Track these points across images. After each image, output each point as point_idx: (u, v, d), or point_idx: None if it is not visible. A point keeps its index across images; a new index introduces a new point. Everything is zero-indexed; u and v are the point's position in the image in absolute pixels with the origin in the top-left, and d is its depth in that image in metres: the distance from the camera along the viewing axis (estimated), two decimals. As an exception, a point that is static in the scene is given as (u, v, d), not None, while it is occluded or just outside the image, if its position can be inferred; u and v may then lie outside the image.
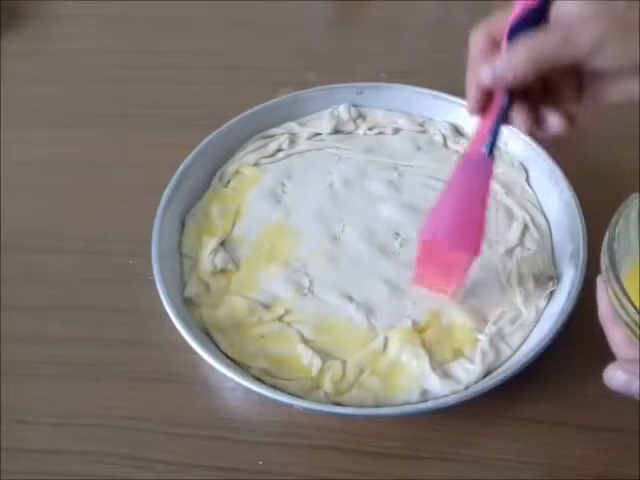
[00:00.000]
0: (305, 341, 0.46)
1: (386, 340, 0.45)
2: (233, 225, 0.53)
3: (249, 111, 0.59)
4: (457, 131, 0.59)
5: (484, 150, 0.40)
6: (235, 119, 0.58)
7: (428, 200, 0.54)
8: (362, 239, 0.51)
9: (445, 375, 0.43)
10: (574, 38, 0.34)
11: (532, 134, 0.40)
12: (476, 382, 0.43)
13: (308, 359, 0.45)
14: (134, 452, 0.44)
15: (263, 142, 0.59)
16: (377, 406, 0.42)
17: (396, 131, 0.60)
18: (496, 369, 0.44)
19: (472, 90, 0.39)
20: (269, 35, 0.76)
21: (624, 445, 0.43)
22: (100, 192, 0.60)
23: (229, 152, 0.58)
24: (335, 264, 0.50)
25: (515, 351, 0.45)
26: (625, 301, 0.30)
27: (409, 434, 0.44)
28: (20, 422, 0.46)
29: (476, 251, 0.42)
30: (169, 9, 0.81)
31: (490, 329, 0.46)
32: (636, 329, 0.30)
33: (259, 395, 0.42)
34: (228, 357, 0.45)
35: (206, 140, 0.56)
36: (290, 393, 0.42)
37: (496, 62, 0.36)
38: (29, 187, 0.61)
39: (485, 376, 0.43)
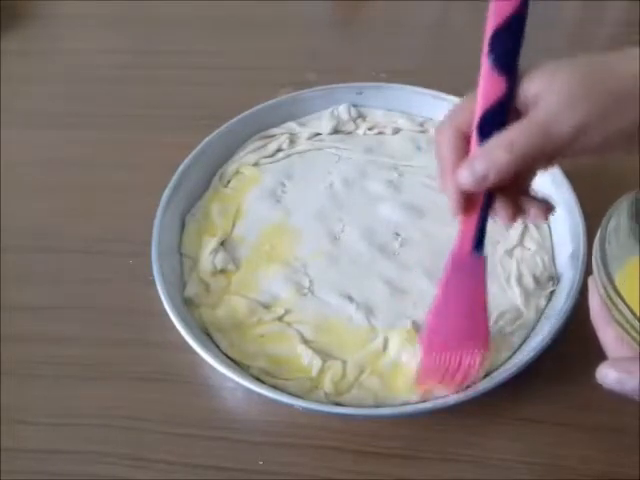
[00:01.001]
0: (305, 341, 0.46)
1: (386, 340, 0.45)
2: (233, 225, 0.53)
3: (249, 111, 0.59)
4: (457, 131, 0.59)
5: (474, 250, 0.39)
6: (235, 119, 0.58)
7: (428, 200, 0.54)
8: (362, 239, 0.51)
9: (445, 375, 0.43)
10: (554, 127, 0.32)
11: (515, 221, 0.38)
12: (476, 382, 0.43)
13: (308, 359, 0.45)
14: (134, 452, 0.44)
15: (263, 142, 0.59)
16: (377, 406, 0.42)
17: (396, 131, 0.60)
18: (496, 369, 0.44)
19: (451, 193, 0.36)
20: (269, 35, 0.76)
21: (624, 445, 0.43)
22: (100, 192, 0.60)
23: (229, 152, 0.58)
24: (335, 264, 0.50)
25: (515, 351, 0.45)
26: (618, 300, 0.30)
27: (409, 434, 0.44)
28: (20, 422, 0.46)
29: (484, 346, 0.41)
30: (169, 9, 0.81)
31: (490, 329, 0.45)
32: (629, 328, 0.30)
33: (259, 395, 0.42)
34: (228, 357, 0.45)
35: (206, 140, 0.56)
36: (290, 393, 0.42)
37: (474, 164, 0.34)
38: (29, 187, 0.61)
39: (485, 376, 0.43)
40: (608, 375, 0.29)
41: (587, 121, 0.32)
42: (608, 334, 0.32)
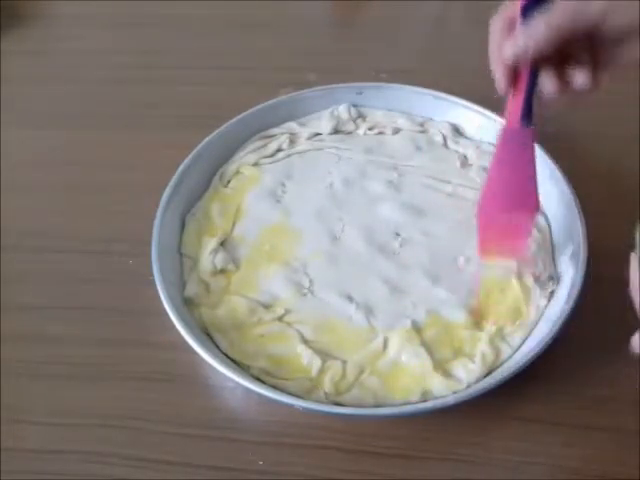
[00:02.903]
0: (305, 341, 0.46)
1: (386, 340, 0.45)
2: (233, 225, 0.53)
3: (249, 111, 0.59)
4: (457, 131, 0.59)
5: (522, 121, 0.42)
6: (235, 119, 0.58)
7: (428, 200, 0.54)
8: (362, 239, 0.51)
9: (445, 375, 0.43)
10: (585, 7, 0.37)
11: (561, 95, 0.42)
12: (477, 382, 0.43)
13: (308, 359, 0.45)
14: (134, 452, 0.44)
15: (263, 142, 0.59)
16: (377, 406, 0.42)
17: (396, 131, 0.60)
18: (496, 369, 0.44)
19: (498, 70, 0.41)
20: (269, 35, 0.76)
21: (624, 445, 0.43)
22: (100, 192, 0.60)
23: (229, 152, 0.58)
24: (335, 264, 0.50)
25: (515, 351, 0.45)
26: None
27: (409, 434, 0.44)
28: (20, 422, 0.46)
29: (535, 207, 0.45)
30: (169, 9, 0.81)
31: (490, 329, 0.46)
32: None
33: (259, 395, 0.42)
34: (228, 357, 0.45)
35: (206, 140, 0.56)
36: (290, 393, 0.42)
37: (516, 39, 0.39)
38: (29, 187, 0.61)
39: (485, 376, 0.43)
40: None
41: (612, 5, 0.37)
42: None
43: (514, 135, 0.44)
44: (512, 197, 0.45)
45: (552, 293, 0.47)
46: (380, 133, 0.60)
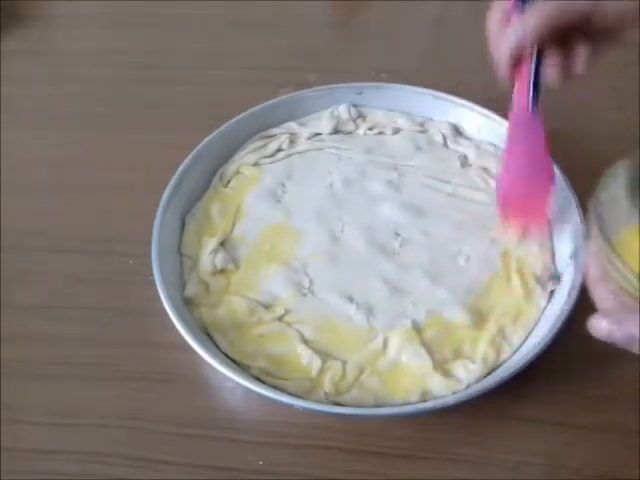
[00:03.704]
0: (305, 341, 0.46)
1: (386, 340, 0.45)
2: (233, 225, 0.53)
3: (249, 111, 0.59)
4: (457, 131, 0.59)
5: (530, 107, 0.45)
6: (235, 119, 0.58)
7: (428, 200, 0.54)
8: (362, 239, 0.51)
9: (446, 375, 0.43)
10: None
11: (565, 79, 0.44)
12: (477, 381, 0.43)
13: (308, 359, 0.45)
14: (134, 452, 0.44)
15: (263, 142, 0.59)
16: (377, 406, 0.42)
17: (396, 131, 0.60)
18: (497, 368, 0.44)
19: (501, 58, 0.43)
20: (269, 35, 0.76)
21: (624, 445, 0.43)
22: (100, 192, 0.60)
23: (229, 152, 0.58)
24: (335, 264, 0.50)
25: (516, 350, 0.45)
26: (615, 260, 0.31)
27: (409, 434, 0.44)
28: (20, 422, 0.46)
29: (551, 181, 0.48)
30: (169, 9, 0.81)
31: (491, 328, 0.46)
32: (626, 285, 0.31)
33: (259, 395, 0.42)
34: (228, 357, 0.45)
35: (206, 140, 0.56)
36: (290, 393, 0.42)
37: (512, 29, 0.42)
38: (29, 187, 0.61)
39: (485, 376, 0.43)
40: (600, 325, 0.32)
41: None
42: (603, 290, 0.34)
43: (522, 121, 0.46)
44: (528, 172, 0.48)
45: (552, 293, 0.47)
46: (380, 133, 0.60)
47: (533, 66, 0.43)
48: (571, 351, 0.45)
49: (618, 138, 0.60)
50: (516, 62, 0.43)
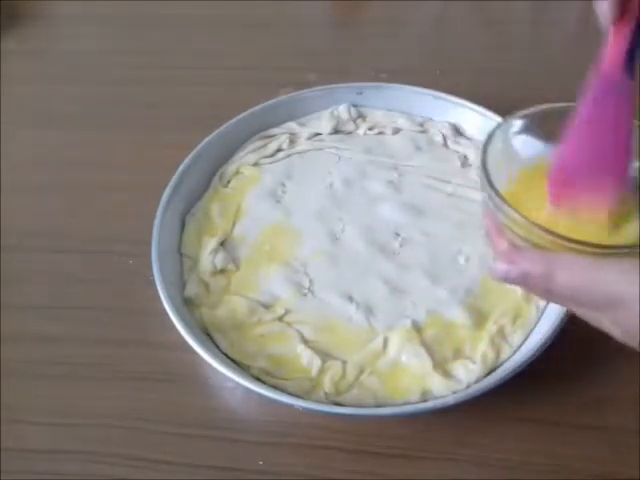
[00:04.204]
0: (305, 341, 0.46)
1: (386, 340, 0.45)
2: (233, 225, 0.53)
3: (249, 111, 0.59)
4: (457, 131, 0.59)
5: (625, 67, 0.34)
6: (235, 119, 0.58)
7: (428, 200, 0.54)
8: (362, 239, 0.51)
9: (446, 375, 0.43)
10: None
11: None
12: (477, 381, 0.43)
13: (308, 359, 0.45)
14: (134, 452, 0.44)
15: (263, 142, 0.59)
16: (377, 406, 0.42)
17: (396, 131, 0.60)
18: (497, 368, 0.44)
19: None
20: (269, 35, 0.76)
21: (624, 445, 0.43)
22: (100, 192, 0.60)
23: (229, 152, 0.58)
24: (335, 264, 0.50)
25: (516, 350, 0.45)
26: (505, 207, 0.33)
27: (409, 434, 0.44)
28: (20, 422, 0.46)
29: (627, 162, 0.36)
30: (169, 9, 0.81)
31: (491, 328, 0.46)
32: (518, 229, 0.33)
33: (259, 395, 0.42)
34: (228, 357, 0.45)
35: (206, 140, 0.56)
36: (290, 393, 0.42)
37: None
38: (29, 187, 0.61)
39: (485, 376, 0.43)
40: (498, 268, 0.33)
41: None
42: (501, 242, 0.35)
43: (609, 82, 0.35)
44: (603, 143, 0.36)
45: (552, 293, 0.47)
46: (380, 133, 0.60)
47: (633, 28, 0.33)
48: (571, 351, 0.45)
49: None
50: (622, 9, 0.33)
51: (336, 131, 0.60)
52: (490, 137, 0.37)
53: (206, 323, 0.47)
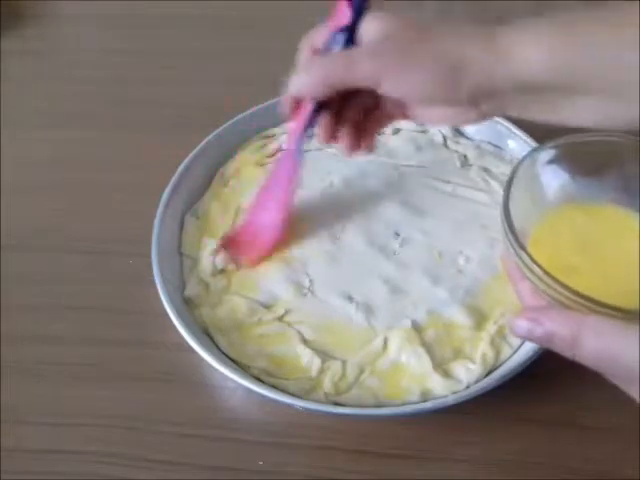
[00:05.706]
0: (305, 341, 0.46)
1: (386, 340, 0.45)
2: (233, 225, 0.53)
3: (249, 111, 0.59)
4: (457, 131, 0.59)
5: (294, 148, 0.46)
6: (235, 119, 0.58)
7: (428, 200, 0.54)
8: (362, 239, 0.51)
9: (446, 375, 0.43)
10: (354, 68, 0.37)
11: (328, 142, 0.45)
12: (477, 382, 0.43)
13: (308, 359, 0.44)
14: (134, 452, 0.44)
15: (263, 142, 0.59)
16: (377, 406, 0.42)
17: (396, 131, 0.60)
18: (497, 368, 0.44)
19: (287, 95, 0.42)
20: (269, 35, 0.76)
21: (624, 445, 0.43)
22: (100, 192, 0.60)
23: (229, 152, 0.58)
24: (335, 264, 0.50)
25: (516, 350, 0.45)
26: (528, 261, 0.31)
27: (409, 434, 0.44)
28: (20, 422, 0.46)
29: (280, 219, 0.48)
30: (169, 9, 0.81)
31: (491, 328, 0.46)
32: (539, 283, 0.32)
33: (259, 395, 0.42)
34: (228, 357, 0.45)
35: (206, 140, 0.56)
36: (290, 393, 0.42)
37: (295, 76, 0.40)
38: (29, 187, 0.61)
39: (486, 376, 0.43)
40: (520, 325, 0.32)
41: (378, 74, 0.36)
42: (522, 288, 0.35)
43: (285, 158, 0.48)
44: (266, 204, 0.49)
45: (552, 293, 0.47)
46: (380, 133, 0.60)
47: (309, 113, 0.42)
48: (571, 351, 0.45)
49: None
50: (296, 104, 0.43)
51: (336, 131, 0.60)
52: (515, 171, 0.35)
53: (206, 323, 0.47)
